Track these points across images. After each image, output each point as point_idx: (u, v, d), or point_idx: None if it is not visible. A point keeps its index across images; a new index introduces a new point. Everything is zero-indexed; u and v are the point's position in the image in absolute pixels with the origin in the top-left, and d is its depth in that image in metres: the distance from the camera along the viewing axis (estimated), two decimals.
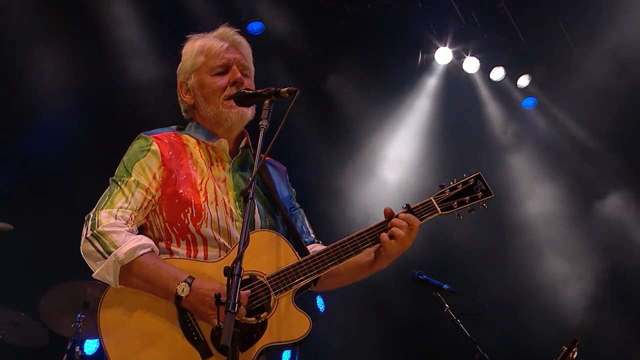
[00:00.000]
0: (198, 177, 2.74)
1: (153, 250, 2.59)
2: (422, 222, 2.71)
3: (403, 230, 2.65)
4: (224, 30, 2.91)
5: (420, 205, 2.74)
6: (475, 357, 4.33)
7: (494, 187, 2.78)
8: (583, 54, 7.49)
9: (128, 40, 6.65)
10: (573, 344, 3.59)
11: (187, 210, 2.66)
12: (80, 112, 6.57)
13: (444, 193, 2.76)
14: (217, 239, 2.67)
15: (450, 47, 7.69)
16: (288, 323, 2.56)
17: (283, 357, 6.64)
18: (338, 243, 2.68)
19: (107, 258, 2.52)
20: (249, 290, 2.53)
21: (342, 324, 7.36)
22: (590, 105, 7.38)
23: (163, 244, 2.69)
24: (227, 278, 2.12)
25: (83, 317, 5.23)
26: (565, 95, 7.77)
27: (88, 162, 6.14)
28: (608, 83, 7.00)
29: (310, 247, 2.88)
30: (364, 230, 2.70)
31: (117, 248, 2.52)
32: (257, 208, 2.77)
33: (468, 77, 7.98)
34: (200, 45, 2.86)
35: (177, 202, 2.67)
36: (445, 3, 7.49)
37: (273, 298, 2.57)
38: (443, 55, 7.73)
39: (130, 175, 2.67)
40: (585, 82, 7.26)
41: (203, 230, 2.66)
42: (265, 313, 2.56)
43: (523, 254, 7.78)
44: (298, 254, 2.68)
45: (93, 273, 2.57)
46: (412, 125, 8.08)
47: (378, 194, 7.75)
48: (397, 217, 2.70)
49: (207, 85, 2.81)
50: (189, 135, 2.86)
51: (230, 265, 2.12)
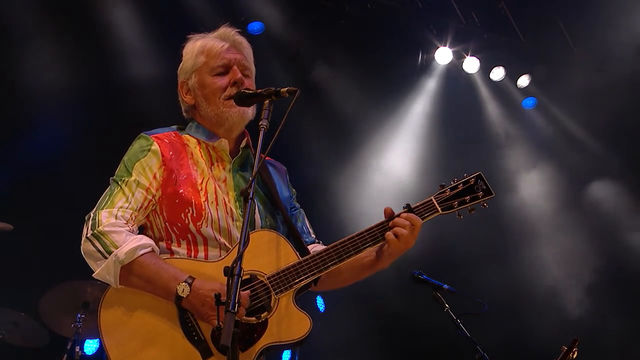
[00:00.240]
0: (198, 177, 2.74)
1: (153, 250, 2.59)
2: (423, 221, 2.72)
3: (406, 230, 2.66)
4: (225, 31, 2.90)
5: (421, 205, 2.75)
6: (475, 357, 4.33)
7: (494, 187, 2.78)
8: (583, 54, 7.48)
9: (128, 40, 6.65)
10: (573, 344, 3.60)
11: (187, 210, 2.66)
12: (80, 112, 6.57)
13: (445, 193, 2.76)
14: (217, 239, 2.67)
15: (450, 47, 7.68)
16: (288, 323, 2.56)
17: (283, 357, 6.65)
18: (338, 243, 2.68)
19: (107, 258, 2.52)
20: (249, 291, 2.53)
21: (342, 324, 7.35)
22: (591, 105, 7.38)
23: (163, 244, 2.69)
24: (227, 278, 2.12)
25: (83, 317, 5.23)
26: (565, 95, 7.77)
27: (88, 162, 6.14)
28: (608, 83, 7.00)
29: (311, 247, 2.88)
30: (365, 230, 2.70)
31: (117, 248, 2.52)
32: (257, 208, 2.77)
33: (468, 77, 7.97)
34: (201, 46, 2.86)
35: (177, 202, 2.67)
36: (445, 3, 7.49)
37: (273, 298, 2.57)
38: (443, 55, 7.72)
39: (131, 175, 2.67)
40: (585, 82, 7.26)
41: (203, 230, 2.66)
42: (266, 313, 2.56)
43: (523, 254, 7.78)
44: (298, 254, 2.68)
45: (93, 273, 2.58)
46: (412, 125, 8.08)
47: (378, 194, 7.75)
48: (398, 216, 2.70)
49: (207, 86, 2.81)
50: (190, 135, 2.85)
51: (230, 265, 2.12)
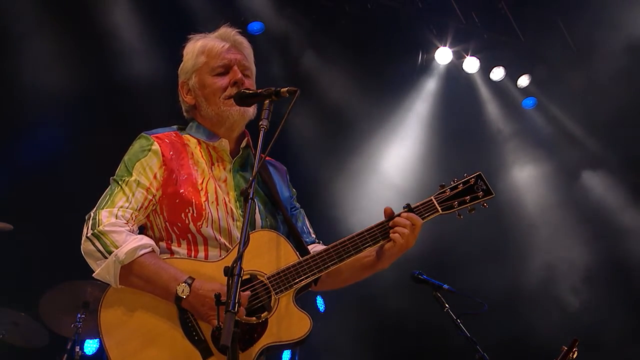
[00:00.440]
0: (199, 177, 2.74)
1: (154, 250, 2.59)
2: (423, 221, 2.72)
3: (407, 229, 2.66)
4: (225, 31, 2.90)
5: (421, 205, 2.75)
6: (475, 357, 4.33)
7: (494, 187, 2.78)
8: (583, 54, 7.49)
9: (128, 40, 6.65)
10: (573, 344, 3.59)
11: (187, 210, 2.66)
12: (80, 112, 6.57)
13: (445, 192, 2.76)
14: (217, 239, 2.67)
15: (450, 47, 7.68)
16: (288, 322, 2.56)
17: (283, 357, 6.65)
18: (339, 243, 2.68)
19: (107, 258, 2.52)
20: (249, 290, 2.53)
21: (342, 324, 7.36)
22: (591, 105, 7.38)
23: (164, 244, 2.69)
24: (227, 278, 2.12)
25: (83, 317, 5.23)
26: (565, 95, 7.77)
27: (88, 162, 6.13)
28: (608, 83, 7.00)
29: (311, 247, 2.88)
30: (365, 230, 2.71)
31: (117, 248, 2.52)
32: (257, 208, 2.77)
33: (468, 77, 7.97)
34: (202, 46, 2.85)
35: (177, 201, 2.67)
36: (445, 3, 7.49)
37: (273, 298, 2.57)
38: (443, 55, 7.73)
39: (131, 175, 2.67)
40: (585, 82, 7.26)
41: (204, 230, 2.66)
42: (266, 313, 2.55)
43: (523, 254, 7.78)
44: (298, 254, 2.68)
45: (93, 273, 2.58)
46: (412, 125, 8.08)
47: (378, 194, 7.75)
48: (399, 216, 2.71)
49: (208, 86, 2.81)
50: (190, 135, 2.85)
51: (231, 265, 2.12)
